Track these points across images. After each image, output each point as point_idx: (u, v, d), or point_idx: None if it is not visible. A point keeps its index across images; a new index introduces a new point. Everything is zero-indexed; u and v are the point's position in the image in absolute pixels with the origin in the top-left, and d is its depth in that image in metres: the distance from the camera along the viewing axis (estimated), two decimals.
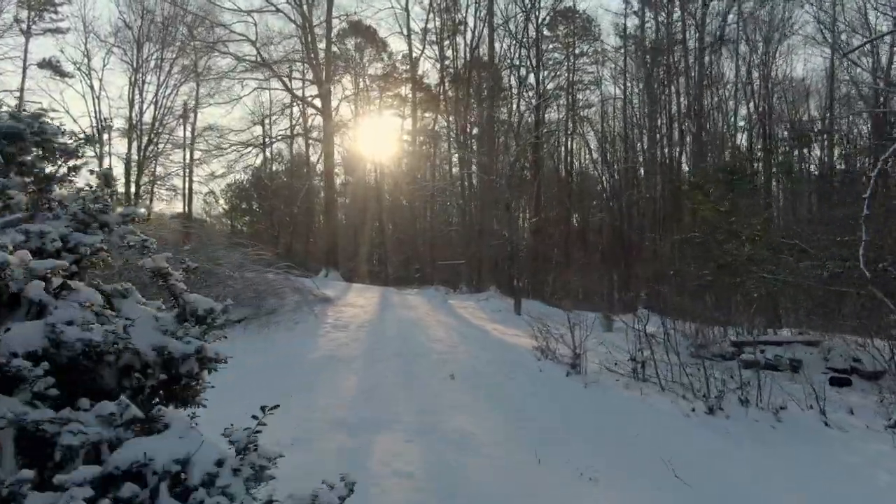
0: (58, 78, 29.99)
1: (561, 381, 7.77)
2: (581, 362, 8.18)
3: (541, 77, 28.46)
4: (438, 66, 29.00)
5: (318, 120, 27.20)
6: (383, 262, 28.70)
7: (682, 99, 26.83)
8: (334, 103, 25.26)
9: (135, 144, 30.86)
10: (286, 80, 22.21)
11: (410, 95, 30.95)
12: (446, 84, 29.02)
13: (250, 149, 23.64)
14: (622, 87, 32.62)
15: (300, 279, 13.58)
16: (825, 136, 24.10)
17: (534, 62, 27.71)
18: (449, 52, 28.54)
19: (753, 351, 10.58)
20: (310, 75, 25.08)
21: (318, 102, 24.40)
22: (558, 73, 32.50)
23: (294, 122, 20.40)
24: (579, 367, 8.15)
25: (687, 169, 25.36)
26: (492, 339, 10.99)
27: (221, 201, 47.03)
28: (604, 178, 32.75)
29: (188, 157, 32.68)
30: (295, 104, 25.75)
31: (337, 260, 24.62)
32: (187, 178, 33.78)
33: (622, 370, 8.36)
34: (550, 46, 33.19)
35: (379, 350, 8.98)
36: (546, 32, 32.80)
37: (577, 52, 33.66)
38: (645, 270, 22.36)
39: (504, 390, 7.23)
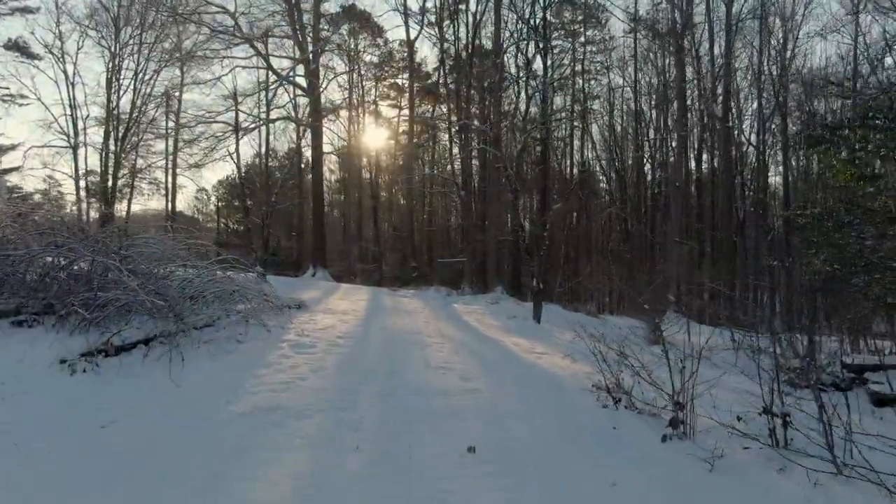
0: (27, 61, 26.33)
1: (660, 457, 4.25)
2: (687, 418, 4.65)
3: (548, 62, 24.93)
4: (438, 48, 25.43)
5: (308, 108, 23.67)
6: (378, 261, 25.18)
7: (705, 82, 23.37)
8: (323, 84, 21.67)
9: (112, 135, 27.28)
10: (261, 50, 18.50)
11: (408, 84, 27.46)
12: (446, 67, 25.48)
13: (227, 134, 19.99)
14: (632, 74, 29.26)
15: (259, 280, 10.06)
16: None
17: (541, 44, 24.17)
18: (449, 34, 24.98)
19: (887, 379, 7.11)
20: (297, 55, 21.50)
21: (304, 84, 20.85)
22: (563, 60, 29.05)
23: (271, 97, 16.89)
24: (684, 425, 4.63)
25: (711, 157, 21.98)
26: (518, 363, 7.49)
27: (213, 198, 43.54)
28: (612, 171, 29.29)
29: (170, 147, 29.14)
30: (281, 86, 22.09)
31: (325, 257, 21.08)
32: (170, 172, 30.25)
33: (742, 426, 4.84)
34: (555, 34, 29.76)
35: (352, 389, 5.45)
36: (550, 18, 29.38)
37: (582, 39, 30.33)
38: (670, 270, 18.90)
39: (566, 480, 3.74)
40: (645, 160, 29.88)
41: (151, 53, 26.78)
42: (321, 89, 20.90)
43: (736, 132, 25.64)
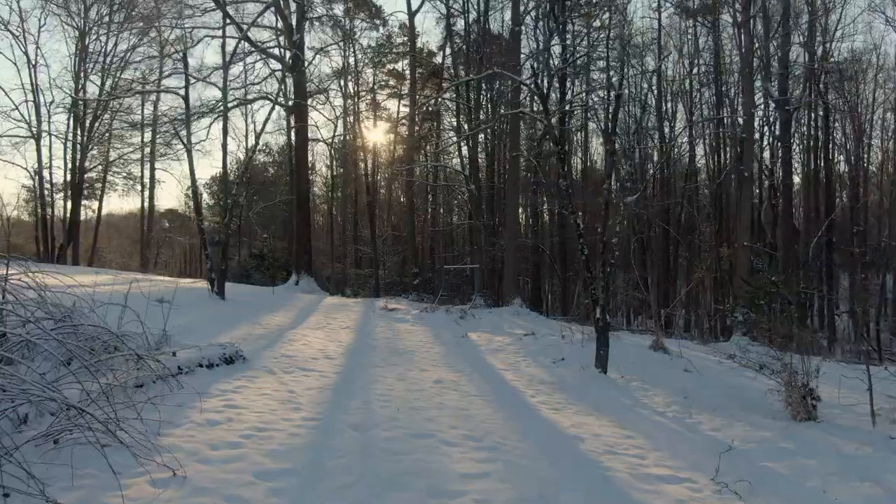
0: None
1: None
2: None
3: (566, 40, 20.41)
4: (444, 21, 20.85)
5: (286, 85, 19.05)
6: (375, 265, 20.65)
7: (758, 53, 18.77)
8: (310, 58, 17.04)
9: (79, 123, 22.64)
10: (235, 17, 13.86)
11: (408, 66, 22.89)
12: (453, 45, 20.89)
13: (178, 117, 15.42)
14: (654, 59, 24.70)
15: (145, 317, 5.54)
16: None
17: (559, 17, 19.61)
18: (457, 5, 20.39)
19: None
20: (279, 25, 16.88)
21: (284, 63, 16.26)
22: (579, 45, 24.49)
23: (230, 66, 12.38)
24: None
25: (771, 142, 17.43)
26: None
27: (206, 196, 38.98)
28: (632, 162, 24.73)
29: (146, 136, 24.57)
30: (261, 59, 17.35)
31: (312, 262, 16.54)
32: (147, 164, 25.68)
33: None
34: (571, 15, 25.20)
35: None
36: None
37: (597, 24, 25.79)
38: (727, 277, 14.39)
39: None
40: (665, 152, 25.43)
41: (121, 33, 22.22)
42: (306, 65, 16.31)
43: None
